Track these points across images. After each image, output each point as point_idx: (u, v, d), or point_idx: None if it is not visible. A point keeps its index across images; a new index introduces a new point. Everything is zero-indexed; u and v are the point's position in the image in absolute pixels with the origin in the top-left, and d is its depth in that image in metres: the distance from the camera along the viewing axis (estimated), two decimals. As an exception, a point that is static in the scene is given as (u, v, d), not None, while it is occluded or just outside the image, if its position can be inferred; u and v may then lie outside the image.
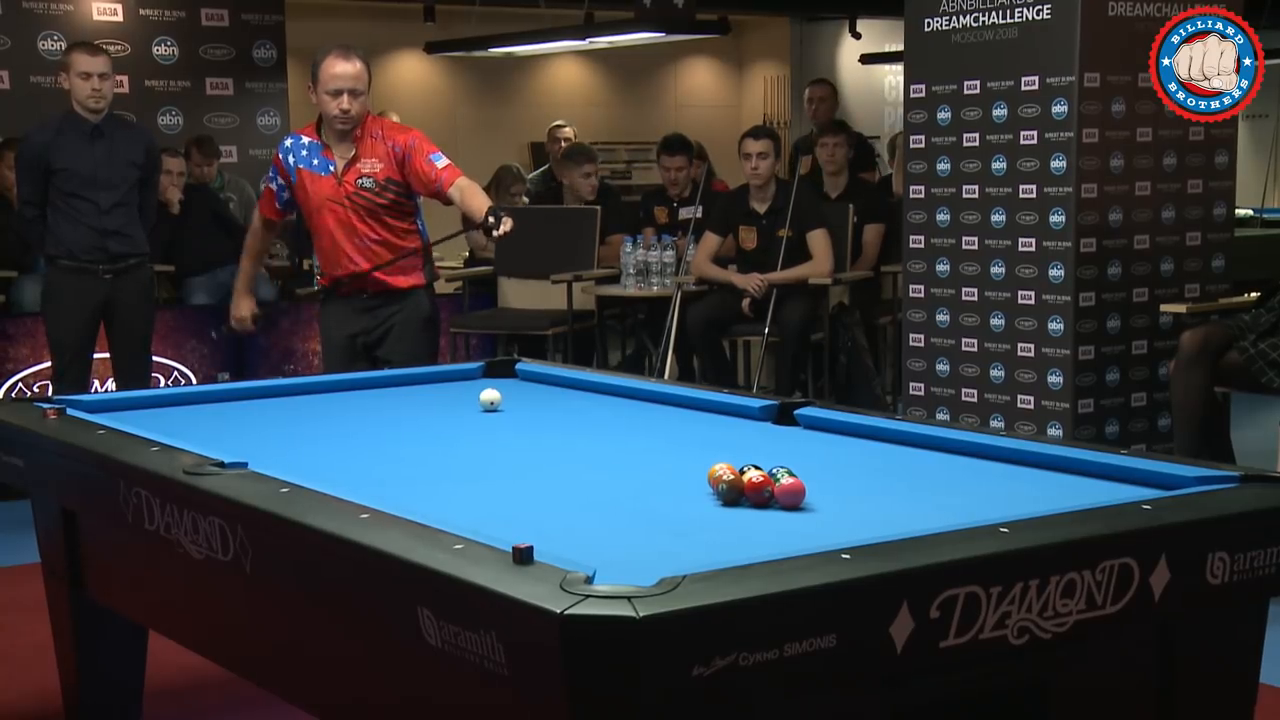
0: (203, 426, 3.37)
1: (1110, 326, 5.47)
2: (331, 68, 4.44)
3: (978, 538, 2.14)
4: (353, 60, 4.47)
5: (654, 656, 1.78)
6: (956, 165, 5.66)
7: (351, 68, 4.46)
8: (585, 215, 7.55)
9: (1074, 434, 5.32)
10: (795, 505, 2.47)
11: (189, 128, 8.39)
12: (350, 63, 4.46)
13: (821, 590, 1.91)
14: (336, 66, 4.44)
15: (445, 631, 1.97)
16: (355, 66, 4.47)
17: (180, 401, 3.77)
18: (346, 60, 4.45)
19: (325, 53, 4.48)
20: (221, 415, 3.61)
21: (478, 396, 3.57)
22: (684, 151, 7.70)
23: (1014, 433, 4.66)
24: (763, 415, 3.34)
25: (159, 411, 3.59)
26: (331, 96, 4.45)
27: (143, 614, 3.15)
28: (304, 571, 2.37)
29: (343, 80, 4.44)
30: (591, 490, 2.73)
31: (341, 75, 4.44)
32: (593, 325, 7.44)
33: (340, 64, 4.44)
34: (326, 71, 4.45)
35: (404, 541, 2.15)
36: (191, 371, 7.09)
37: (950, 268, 5.71)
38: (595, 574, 1.93)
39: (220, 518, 2.52)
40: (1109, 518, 2.28)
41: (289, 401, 3.81)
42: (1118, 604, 2.15)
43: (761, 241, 6.81)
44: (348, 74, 4.45)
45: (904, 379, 5.96)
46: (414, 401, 3.79)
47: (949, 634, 2.00)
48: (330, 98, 4.46)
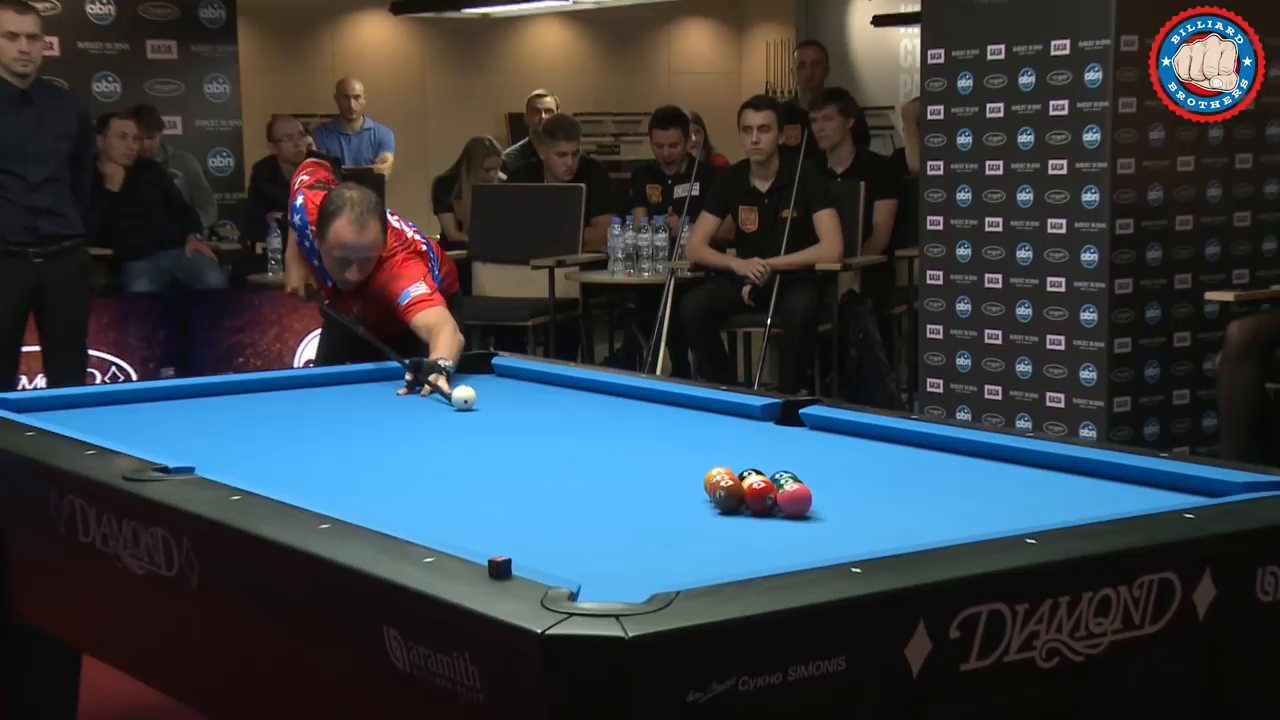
0: (144, 427, 3.37)
1: (1149, 317, 5.48)
2: (341, 235, 4.14)
3: (1002, 550, 2.14)
4: (366, 229, 4.17)
5: (645, 681, 1.78)
6: (979, 139, 5.67)
7: (365, 238, 4.23)
8: (569, 194, 7.55)
9: (1109, 435, 5.33)
10: (800, 514, 2.47)
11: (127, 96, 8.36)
12: (363, 233, 4.15)
13: (829, 608, 1.91)
14: (346, 235, 4.14)
15: (414, 654, 1.97)
16: (368, 237, 4.24)
17: (119, 400, 3.75)
18: (359, 230, 4.14)
19: (334, 213, 4.14)
20: (165, 415, 3.60)
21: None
22: (678, 124, 7.69)
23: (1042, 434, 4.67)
24: (765, 415, 3.34)
25: (95, 411, 3.58)
26: (338, 264, 4.24)
27: (77, 636, 3.14)
28: (257, 588, 2.37)
29: (352, 251, 4.21)
30: (576, 498, 2.73)
31: (352, 246, 4.20)
32: (577, 316, 7.44)
33: (350, 233, 4.13)
34: (335, 237, 4.14)
35: (369, 555, 2.14)
36: (132, 366, 7.09)
37: (972, 252, 5.72)
38: (580, 590, 1.94)
39: (164, 529, 2.51)
40: (1148, 528, 2.28)
41: (241, 400, 3.80)
42: (1157, 623, 2.16)
43: (764, 223, 6.82)
44: (360, 245, 4.20)
45: (921, 374, 5.98)
46: (381, 400, 3.78)
47: (970, 656, 2.00)
48: (337, 264, 4.24)
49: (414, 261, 4.30)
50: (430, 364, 3.81)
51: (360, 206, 4.16)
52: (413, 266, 4.27)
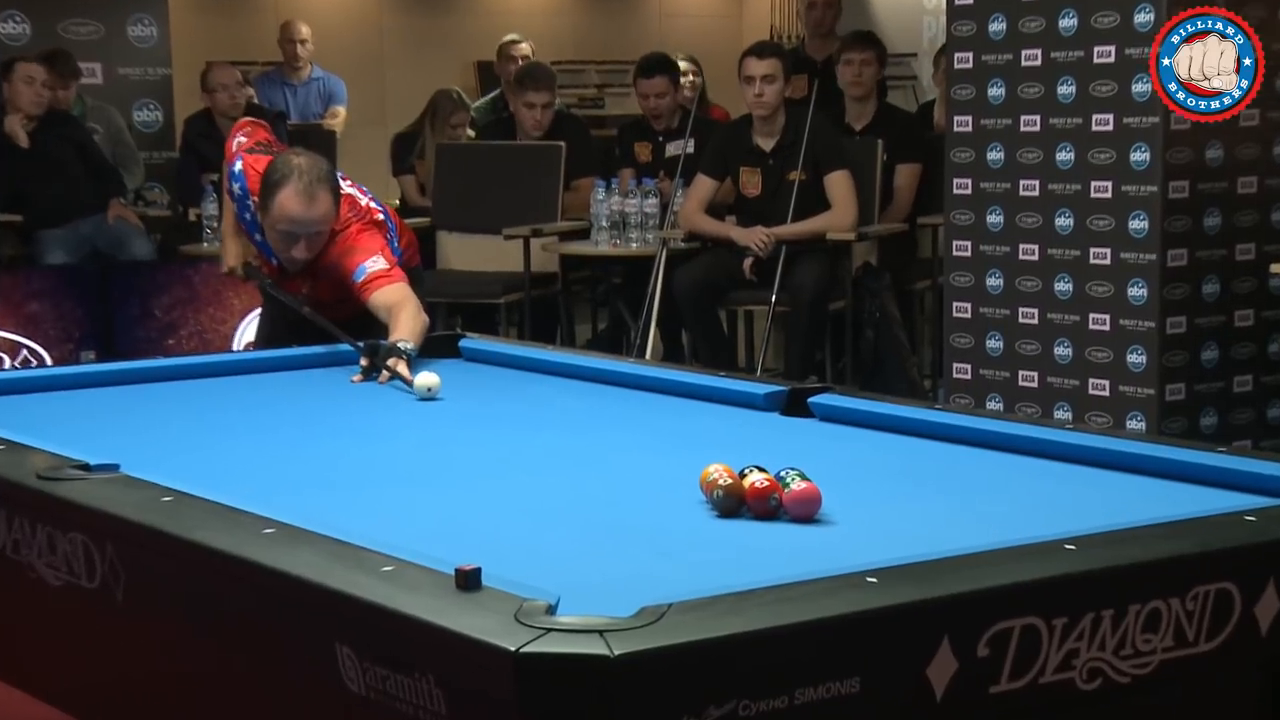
0: (61, 419, 3.36)
1: (1207, 292, 5.49)
2: (287, 207, 4.12)
3: (1038, 557, 2.15)
4: (316, 200, 4.15)
5: (632, 705, 1.79)
6: (1013, 90, 5.67)
7: (314, 211, 4.18)
8: (546, 154, 7.54)
9: (1160, 427, 5.35)
10: (808, 516, 2.48)
11: (38, 39, 8.33)
12: (312, 205, 4.16)
13: (842, 622, 1.92)
14: (293, 207, 4.13)
15: (371, 675, 1.97)
16: (318, 210, 4.18)
17: (32, 387, 3.74)
18: (308, 201, 4.10)
19: (279, 182, 4.11)
20: (85, 405, 3.60)
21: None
22: (665, 72, 7.68)
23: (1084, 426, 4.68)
24: (768, 404, 3.35)
25: (3, 400, 3.57)
26: (284, 239, 4.20)
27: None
28: (192, 602, 2.37)
29: (300, 226, 4.17)
30: (554, 498, 2.73)
31: (300, 220, 4.15)
32: (556, 292, 7.44)
33: (298, 205, 4.11)
34: (280, 209, 4.16)
35: (319, 563, 2.15)
36: (45, 350, 7.07)
37: (1004, 219, 5.73)
38: (559, 602, 1.94)
39: (84, 534, 2.51)
40: (1203, 532, 2.29)
41: (172, 388, 3.80)
42: (1214, 640, 2.17)
43: (767, 186, 6.82)
44: (309, 219, 4.16)
45: (946, 359, 5.98)
46: (332, 387, 3.79)
47: (1001, 677, 2.01)
48: (282, 239, 4.21)
49: (370, 233, 4.29)
50: (388, 346, 3.81)
51: (309, 175, 4.14)
52: (368, 239, 4.26)
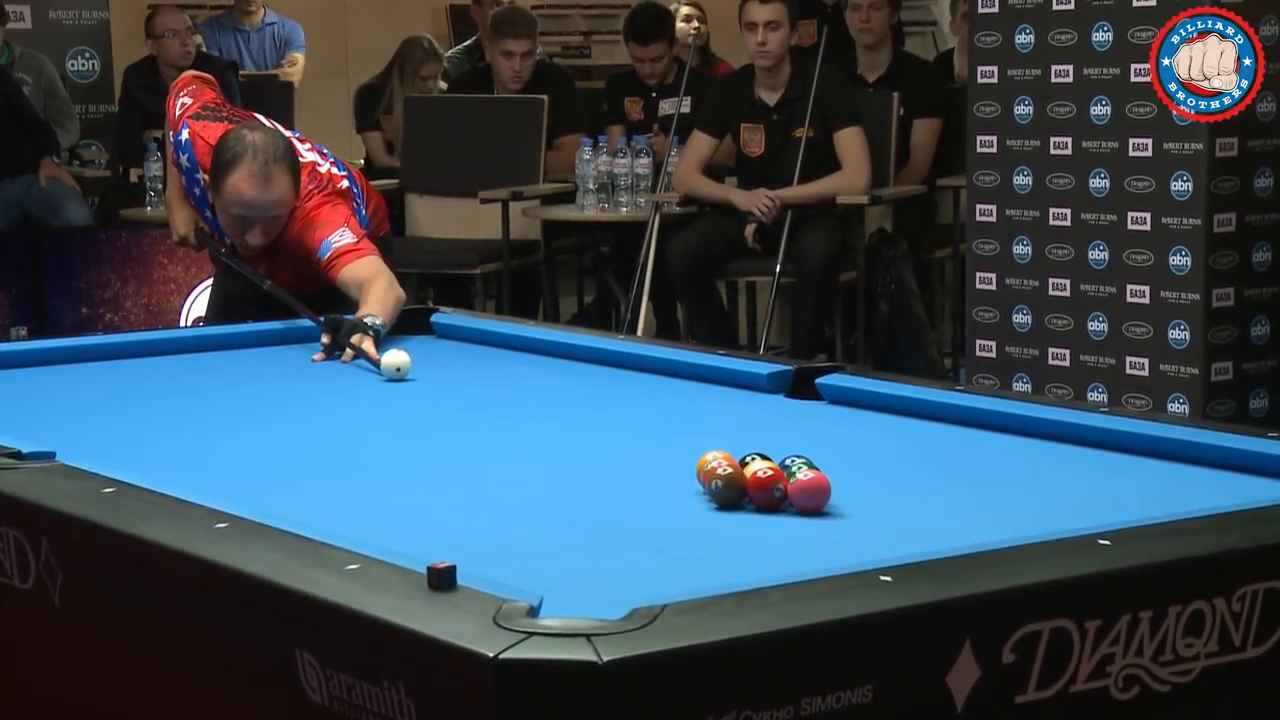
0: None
1: (1257, 261, 5.50)
2: (240, 190, 4.08)
3: (1069, 553, 2.16)
4: (272, 183, 4.09)
5: (623, 716, 1.79)
6: (1042, 38, 5.67)
7: (270, 194, 4.13)
8: (527, 108, 7.54)
9: (1205, 410, 5.35)
10: (816, 508, 2.48)
11: (-40, -21, 8.31)
12: (268, 188, 4.09)
13: (853, 625, 1.93)
14: (247, 190, 4.07)
15: (335, 684, 1.98)
16: (274, 193, 4.14)
17: (-42, 368, 3.76)
18: (263, 184, 4.05)
19: (232, 161, 4.07)
20: (17, 386, 3.60)
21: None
22: (661, 37, 7.68)
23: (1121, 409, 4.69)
24: (773, 385, 3.36)
25: (-71, 382, 3.59)
26: (237, 223, 4.16)
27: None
28: (135, 603, 2.37)
29: (255, 210, 4.13)
30: (536, 489, 2.74)
31: (255, 204, 4.11)
32: (537, 262, 7.44)
33: (252, 188, 4.06)
34: (233, 191, 4.10)
35: (276, 560, 2.15)
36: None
37: (1033, 180, 5.73)
38: (542, 603, 1.95)
39: (16, 529, 2.51)
40: (1252, 525, 2.30)
41: (113, 367, 3.80)
42: (1262, 645, 2.18)
43: (772, 144, 6.82)
44: (264, 203, 4.11)
45: (968, 334, 5.99)
46: (291, 367, 3.79)
47: (1028, 685, 2.02)
48: (235, 223, 4.16)
49: (334, 204, 4.25)
50: (353, 322, 3.80)
51: (265, 154, 4.09)
52: (332, 210, 4.23)
